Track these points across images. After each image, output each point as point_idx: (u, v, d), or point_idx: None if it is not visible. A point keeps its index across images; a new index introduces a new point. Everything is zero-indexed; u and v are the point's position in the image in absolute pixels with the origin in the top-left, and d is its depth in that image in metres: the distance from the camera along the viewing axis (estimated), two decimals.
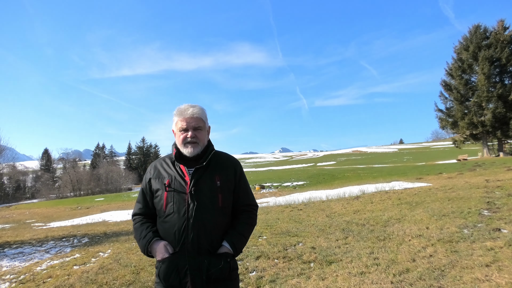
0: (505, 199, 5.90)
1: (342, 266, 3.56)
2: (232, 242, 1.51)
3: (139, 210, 1.65)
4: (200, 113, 1.59)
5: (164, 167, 1.61)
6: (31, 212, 21.52)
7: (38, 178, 58.11)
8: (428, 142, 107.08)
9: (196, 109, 1.58)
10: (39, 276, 4.53)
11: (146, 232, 1.54)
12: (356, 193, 9.92)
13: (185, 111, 1.57)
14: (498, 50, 25.27)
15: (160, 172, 1.60)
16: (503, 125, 25.41)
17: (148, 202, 1.62)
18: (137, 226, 1.61)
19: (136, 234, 1.59)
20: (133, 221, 1.67)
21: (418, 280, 2.96)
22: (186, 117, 1.56)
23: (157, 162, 1.66)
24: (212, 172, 1.55)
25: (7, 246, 7.27)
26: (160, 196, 1.54)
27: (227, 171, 1.59)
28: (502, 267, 2.99)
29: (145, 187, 1.63)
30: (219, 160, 1.62)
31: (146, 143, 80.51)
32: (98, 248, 6.17)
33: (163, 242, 1.49)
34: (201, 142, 1.57)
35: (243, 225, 1.60)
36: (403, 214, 5.84)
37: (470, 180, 9.92)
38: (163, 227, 1.53)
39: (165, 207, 1.51)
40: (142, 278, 3.91)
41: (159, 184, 1.56)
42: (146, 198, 1.62)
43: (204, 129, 1.60)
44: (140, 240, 1.54)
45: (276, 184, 21.06)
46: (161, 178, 1.57)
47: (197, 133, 1.56)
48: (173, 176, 1.54)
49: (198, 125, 1.57)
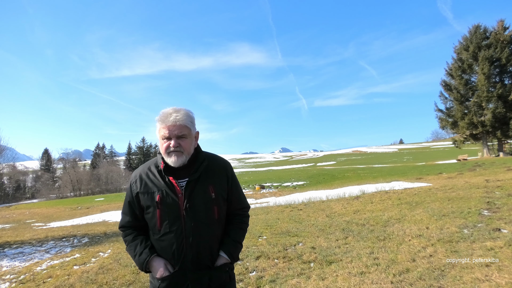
0: (505, 199, 5.90)
1: (342, 266, 3.55)
2: (229, 251, 1.48)
3: (128, 223, 1.55)
4: (184, 120, 1.43)
5: (151, 178, 1.48)
6: (31, 212, 21.52)
7: (38, 178, 58.12)
8: (428, 142, 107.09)
9: (180, 115, 1.43)
10: (39, 276, 4.53)
11: (141, 249, 1.47)
12: (356, 193, 9.92)
13: (168, 117, 1.43)
14: (498, 50, 25.26)
15: (147, 185, 1.47)
16: (503, 125, 25.40)
17: (138, 215, 1.52)
18: (128, 239, 1.53)
19: (130, 249, 1.51)
20: (123, 232, 1.57)
21: (418, 280, 2.96)
22: (169, 124, 1.42)
23: (142, 172, 1.52)
24: (205, 183, 1.46)
25: (7, 246, 7.27)
26: (152, 213, 1.45)
27: (220, 179, 1.52)
28: (502, 267, 2.99)
29: (132, 200, 1.51)
30: (210, 167, 1.51)
31: (146, 143, 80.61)
32: (98, 248, 6.17)
33: (163, 260, 1.44)
34: (186, 151, 1.44)
35: (237, 231, 1.56)
36: (403, 214, 5.84)
37: (470, 180, 9.92)
38: (159, 246, 1.46)
39: (159, 226, 1.43)
40: (142, 278, 3.91)
41: (149, 200, 1.45)
42: (135, 212, 1.52)
43: (189, 137, 1.46)
44: (136, 256, 1.47)
45: (276, 184, 21.07)
46: (150, 193, 1.45)
47: (181, 142, 1.43)
48: (164, 190, 1.43)
49: (182, 133, 1.43)
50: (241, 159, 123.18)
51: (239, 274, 3.64)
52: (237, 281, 3.47)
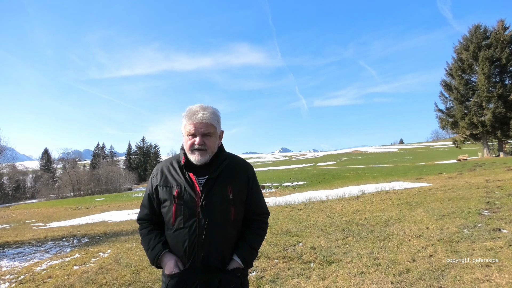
0: (505, 199, 5.90)
1: (342, 266, 3.55)
2: (242, 256, 1.44)
3: (146, 215, 1.56)
4: (211, 118, 1.45)
5: (172, 172, 1.50)
6: (31, 212, 21.51)
7: (38, 178, 58.11)
8: (428, 142, 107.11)
9: (207, 113, 1.45)
10: (39, 276, 4.53)
11: (155, 243, 1.46)
12: (356, 193, 9.91)
13: (195, 114, 1.44)
14: (498, 50, 25.27)
15: (167, 179, 1.49)
16: (503, 125, 25.41)
17: (155, 209, 1.53)
18: (144, 232, 1.53)
19: (144, 243, 1.51)
20: (140, 225, 1.59)
21: (418, 280, 2.95)
22: (195, 122, 1.43)
23: (164, 166, 1.55)
24: (224, 183, 1.45)
25: (7, 246, 7.27)
26: (168, 207, 1.45)
27: (240, 180, 1.49)
28: (502, 267, 2.98)
29: (152, 193, 1.53)
30: (231, 167, 1.50)
31: (146, 143, 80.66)
32: (98, 248, 6.17)
33: (174, 257, 1.43)
34: (210, 149, 1.45)
35: (254, 236, 1.51)
36: (403, 214, 5.84)
37: (470, 180, 9.91)
38: (171, 241, 1.45)
39: (173, 221, 1.43)
40: (142, 278, 3.91)
41: (167, 194, 1.46)
42: (153, 205, 1.53)
43: (214, 135, 1.47)
44: (149, 250, 1.47)
45: (276, 184, 21.06)
46: (169, 187, 1.46)
47: (206, 140, 1.44)
48: (182, 185, 1.44)
49: (208, 131, 1.44)
50: None
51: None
52: None
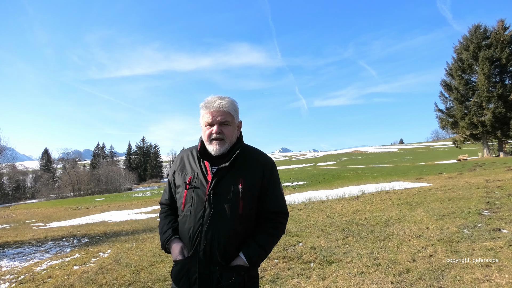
0: (505, 199, 5.89)
1: (342, 266, 3.55)
2: (248, 254, 1.35)
3: (165, 200, 1.60)
4: (228, 106, 1.42)
5: (190, 160, 1.52)
6: (31, 212, 21.51)
7: (38, 178, 58.12)
8: (428, 142, 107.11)
9: (224, 101, 1.42)
10: (39, 276, 4.53)
11: (167, 228, 1.49)
12: (356, 193, 9.91)
13: (212, 103, 1.42)
14: (498, 50, 25.26)
15: (185, 165, 1.52)
16: (503, 125, 25.41)
17: (173, 195, 1.56)
18: (161, 217, 1.59)
19: (159, 226, 1.56)
20: (161, 209, 1.65)
21: (418, 280, 2.95)
22: (212, 110, 1.41)
23: (184, 154, 1.57)
24: (236, 174, 1.40)
25: (7, 246, 7.27)
26: (180, 193, 1.47)
27: (254, 174, 1.42)
28: (502, 267, 2.98)
29: (171, 178, 1.56)
30: (247, 159, 1.45)
31: (146, 143, 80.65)
32: (98, 248, 6.17)
33: (181, 244, 1.42)
34: (228, 139, 1.42)
35: (265, 236, 1.41)
36: (403, 214, 5.84)
37: (470, 180, 9.91)
38: (180, 227, 1.46)
39: (183, 207, 1.43)
40: (142, 278, 3.91)
41: (181, 180, 1.48)
42: (172, 190, 1.57)
43: (232, 124, 1.44)
44: (161, 234, 1.51)
45: None
46: (185, 173, 1.49)
47: (224, 129, 1.41)
48: (196, 173, 1.44)
49: (225, 119, 1.41)
50: None
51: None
52: None
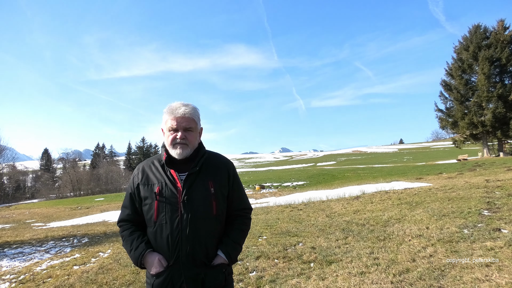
0: (505, 199, 5.89)
1: (342, 266, 3.55)
2: (227, 252, 1.46)
3: (127, 216, 1.55)
4: (192, 113, 1.49)
5: (153, 170, 1.51)
6: (31, 212, 21.50)
7: (38, 178, 58.13)
8: (428, 142, 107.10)
9: (188, 108, 1.49)
10: (39, 276, 4.53)
11: (137, 243, 1.45)
12: (356, 193, 9.91)
13: (177, 109, 1.47)
14: (498, 50, 25.27)
15: (148, 177, 1.50)
16: (503, 125, 25.40)
17: (137, 208, 1.52)
18: (125, 234, 1.52)
19: (126, 245, 1.50)
20: (120, 228, 1.56)
21: (418, 280, 2.95)
22: (177, 116, 1.46)
23: (145, 165, 1.55)
24: (205, 178, 1.47)
25: (7, 246, 7.27)
26: (149, 204, 1.45)
27: (221, 175, 1.52)
28: (502, 267, 2.98)
29: (133, 192, 1.52)
30: (211, 163, 1.53)
31: (146, 143, 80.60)
32: (98, 248, 6.17)
33: (157, 255, 1.42)
34: (191, 144, 1.48)
35: (238, 232, 1.54)
36: (403, 214, 5.84)
37: (470, 180, 9.91)
38: (154, 238, 1.44)
39: (155, 217, 1.42)
40: (142, 278, 3.91)
41: (148, 192, 1.46)
42: (135, 204, 1.53)
43: (195, 131, 1.51)
44: (132, 251, 1.45)
45: (276, 184, 21.06)
46: (150, 184, 1.47)
47: (188, 134, 1.47)
48: (163, 182, 1.45)
49: (189, 126, 1.48)
50: (241, 159, 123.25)
51: (239, 274, 3.64)
52: (237, 281, 3.47)
